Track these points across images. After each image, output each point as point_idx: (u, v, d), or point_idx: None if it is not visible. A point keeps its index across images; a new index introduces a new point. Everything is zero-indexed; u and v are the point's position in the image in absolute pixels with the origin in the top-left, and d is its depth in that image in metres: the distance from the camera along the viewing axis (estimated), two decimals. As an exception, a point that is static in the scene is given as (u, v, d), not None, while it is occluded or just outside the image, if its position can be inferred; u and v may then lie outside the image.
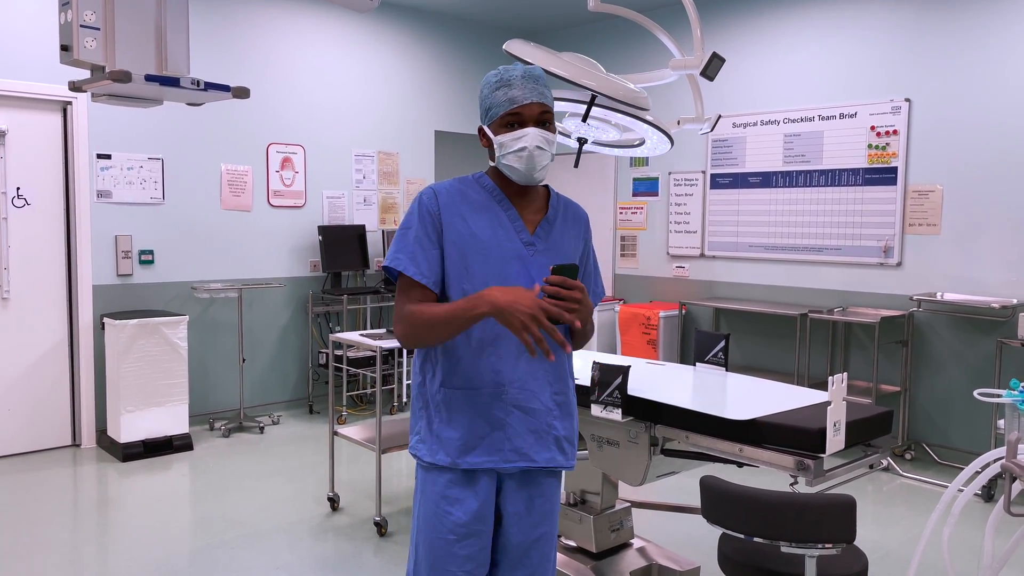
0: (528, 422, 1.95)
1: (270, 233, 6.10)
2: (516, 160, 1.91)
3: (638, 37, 6.69)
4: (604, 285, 2.21)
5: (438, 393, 1.97)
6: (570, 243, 2.04)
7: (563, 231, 2.04)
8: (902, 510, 4.35)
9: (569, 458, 2.04)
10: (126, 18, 2.51)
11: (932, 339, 5.16)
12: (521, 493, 2.00)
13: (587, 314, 1.87)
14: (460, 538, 1.95)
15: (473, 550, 1.96)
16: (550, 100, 1.95)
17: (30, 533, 3.87)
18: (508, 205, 1.98)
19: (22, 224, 5.04)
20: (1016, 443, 2.11)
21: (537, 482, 2.02)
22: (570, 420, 2.04)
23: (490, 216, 1.96)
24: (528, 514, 2.00)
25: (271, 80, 6.03)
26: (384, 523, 3.91)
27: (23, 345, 5.08)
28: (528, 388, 1.95)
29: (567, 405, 2.03)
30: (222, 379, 5.90)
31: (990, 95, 4.88)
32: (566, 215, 2.06)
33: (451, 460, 1.94)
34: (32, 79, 4.94)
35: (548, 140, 1.91)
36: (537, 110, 1.90)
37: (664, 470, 2.92)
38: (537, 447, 1.96)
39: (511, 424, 1.94)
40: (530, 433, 1.96)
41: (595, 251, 2.17)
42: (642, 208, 6.83)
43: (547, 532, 2.04)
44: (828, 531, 2.09)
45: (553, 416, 1.99)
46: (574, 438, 2.07)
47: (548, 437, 1.98)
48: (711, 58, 3.09)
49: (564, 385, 2.02)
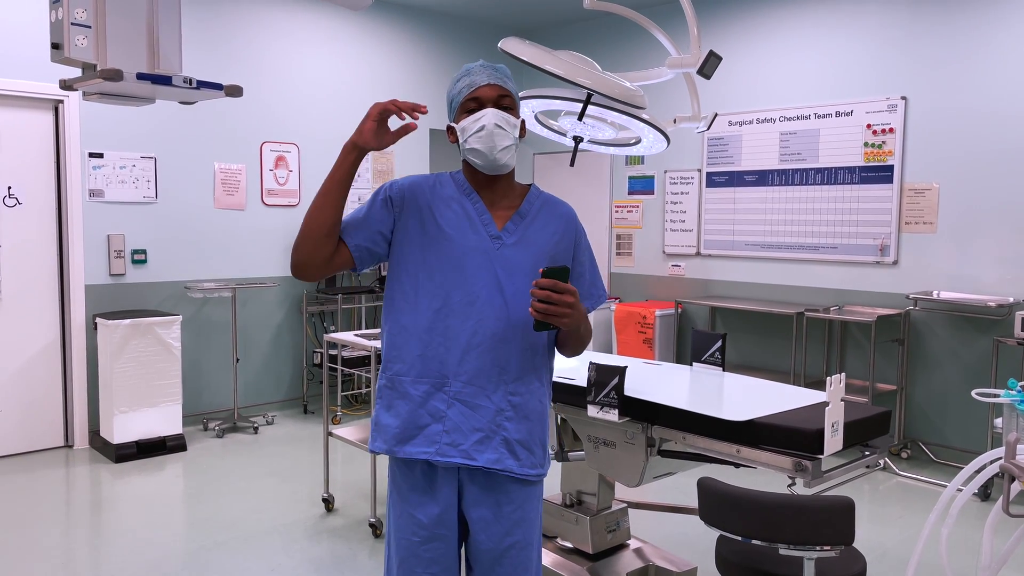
0: (472, 419, 1.89)
1: (264, 232, 6.07)
2: (477, 141, 1.89)
3: (634, 35, 6.67)
4: (604, 288, 2.13)
5: (382, 379, 1.97)
6: (547, 240, 1.97)
7: (539, 227, 1.97)
8: (898, 509, 4.34)
9: (525, 464, 1.92)
10: (118, 16, 2.48)
11: (928, 338, 5.16)
12: (486, 499, 1.93)
13: (578, 319, 1.81)
14: (423, 540, 1.94)
15: (437, 554, 1.94)
16: (511, 87, 1.95)
17: (22, 535, 3.84)
18: (476, 199, 1.96)
19: (13, 224, 5.00)
20: (1015, 443, 2.10)
21: (504, 488, 1.93)
22: (526, 423, 1.93)
23: (456, 208, 1.94)
24: (496, 521, 1.93)
25: (264, 78, 6.00)
26: (379, 524, 3.89)
27: (15, 345, 5.04)
28: (476, 383, 1.89)
29: (524, 407, 1.93)
30: (216, 379, 5.87)
31: (986, 93, 4.87)
32: (545, 211, 2.00)
33: (387, 447, 1.93)
34: (23, 77, 4.89)
35: (508, 121, 1.90)
36: (494, 92, 1.91)
37: (661, 471, 2.90)
38: (479, 446, 1.89)
39: (451, 418, 1.89)
40: (474, 431, 1.89)
41: (592, 251, 2.09)
42: (638, 207, 6.81)
43: (520, 541, 1.95)
44: (826, 533, 2.08)
45: (504, 416, 1.90)
46: (534, 444, 1.95)
47: (495, 438, 1.90)
48: (708, 56, 3.07)
49: (524, 385, 1.93)
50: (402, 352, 1.93)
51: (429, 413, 1.90)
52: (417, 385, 1.91)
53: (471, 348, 1.89)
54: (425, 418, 1.90)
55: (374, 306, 6.69)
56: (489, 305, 1.90)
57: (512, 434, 1.91)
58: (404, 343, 1.92)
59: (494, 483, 1.93)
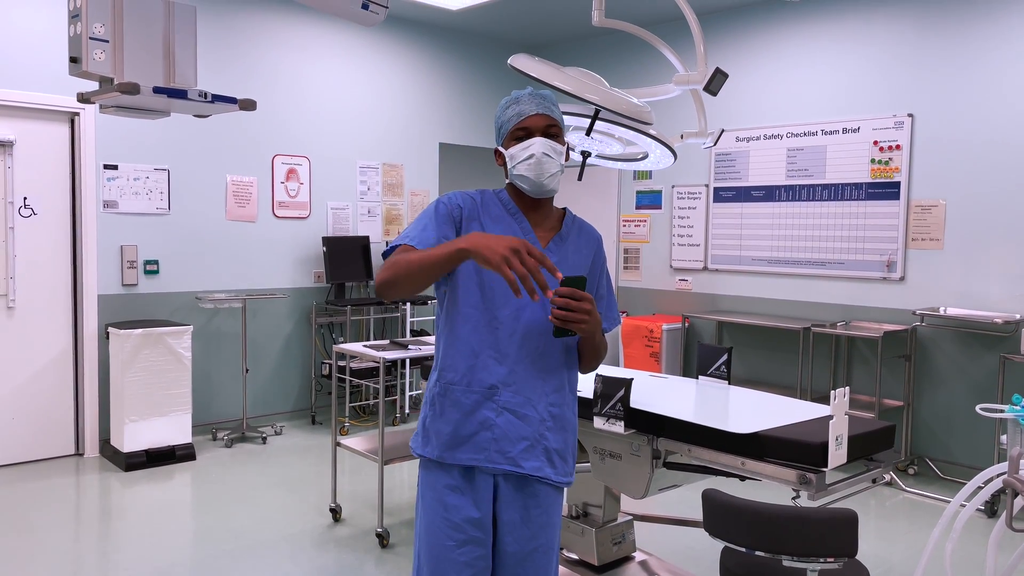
0: (519, 427, 1.97)
1: (275, 244, 6.12)
2: (526, 168, 1.98)
3: (642, 52, 6.73)
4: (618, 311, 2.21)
5: (435, 387, 2.03)
6: (581, 261, 2.10)
7: (575, 249, 2.10)
8: (905, 525, 4.34)
9: (560, 472, 2.02)
10: (135, 31, 2.53)
11: (935, 354, 5.16)
12: (516, 501, 2.00)
13: (595, 326, 1.88)
14: (459, 544, 1.98)
15: (472, 557, 1.98)
16: (557, 115, 2.04)
17: (33, 542, 3.87)
18: (522, 218, 2.06)
19: (28, 234, 5.07)
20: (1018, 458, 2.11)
21: (533, 491, 2.01)
22: (563, 434, 2.04)
23: (504, 227, 2.03)
24: (523, 524, 2.00)
25: (277, 92, 6.07)
26: (386, 534, 3.91)
27: (28, 354, 5.10)
28: (523, 393, 1.97)
29: (562, 418, 2.03)
30: (225, 389, 5.91)
31: (992, 110, 4.90)
32: (579, 234, 2.12)
33: (438, 454, 1.99)
34: (40, 90, 4.97)
35: (555, 149, 2.00)
36: (543, 122, 2.00)
37: (666, 483, 2.92)
38: (525, 454, 1.97)
39: (500, 426, 1.97)
40: (520, 439, 1.97)
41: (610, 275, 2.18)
42: (645, 221, 6.84)
43: (544, 544, 2.03)
44: (830, 545, 2.09)
45: (546, 427, 2.00)
46: (567, 453, 2.05)
47: (538, 447, 1.99)
48: (714, 74, 3.11)
49: (561, 397, 2.03)
50: (455, 362, 2.00)
51: (480, 421, 1.97)
52: (468, 395, 1.98)
53: (519, 361, 1.98)
54: (475, 426, 1.98)
55: (383, 317, 6.73)
56: (533, 321, 1.99)
57: (552, 443, 2.01)
58: (457, 354, 2.00)
59: (525, 484, 2.01)
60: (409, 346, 4.24)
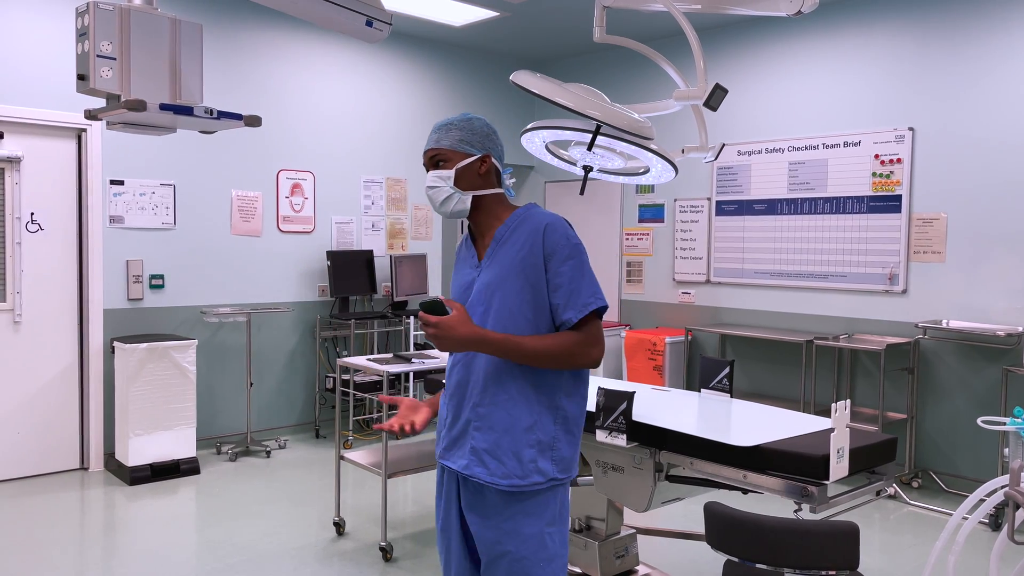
0: (454, 425, 2.10)
1: (279, 258, 6.16)
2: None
3: (643, 67, 6.77)
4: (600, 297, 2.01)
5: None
6: (512, 258, 2.02)
7: (508, 248, 2.05)
8: (909, 538, 4.33)
9: (493, 473, 1.99)
10: (141, 48, 2.57)
11: (938, 367, 5.16)
12: (474, 506, 2.06)
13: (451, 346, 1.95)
14: (439, 531, 2.20)
15: (443, 545, 2.17)
16: (448, 142, 2.09)
17: (37, 556, 3.88)
18: (471, 243, 2.18)
19: (35, 249, 5.10)
20: (1020, 471, 2.12)
21: (482, 494, 2.04)
22: (492, 433, 2.00)
23: (463, 258, 2.20)
24: (484, 528, 2.04)
25: (282, 108, 6.12)
26: (389, 548, 3.91)
27: (34, 368, 5.12)
28: (457, 395, 2.09)
29: (489, 417, 2.01)
30: (229, 403, 5.93)
31: (993, 123, 4.92)
32: (519, 230, 2.05)
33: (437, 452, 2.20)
34: (48, 107, 5.02)
35: (440, 177, 2.08)
36: (427, 156, 2.13)
37: (669, 496, 2.93)
38: (456, 452, 2.08)
39: (447, 424, 2.13)
40: (454, 437, 2.10)
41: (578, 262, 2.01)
42: (648, 234, 6.87)
43: (511, 552, 2.00)
44: (831, 557, 2.10)
45: (473, 426, 2.05)
46: (501, 453, 1.99)
47: (466, 445, 2.06)
48: (714, 89, 3.13)
49: (487, 397, 2.01)
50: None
51: (441, 419, 2.17)
52: (444, 396, 2.18)
53: (454, 365, 2.12)
54: (440, 424, 2.17)
55: (386, 331, 6.75)
56: None
57: (479, 443, 2.04)
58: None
59: (476, 489, 2.06)
60: (413, 360, 4.25)
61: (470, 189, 2.08)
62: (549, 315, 2.01)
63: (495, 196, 2.11)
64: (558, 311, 1.99)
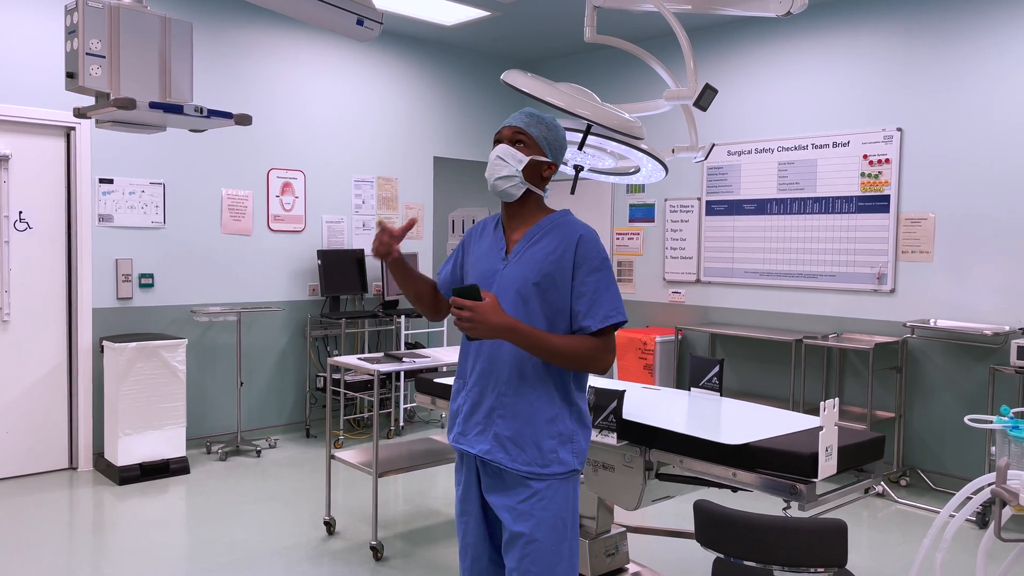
0: (475, 413, 2.16)
1: (269, 257, 6.14)
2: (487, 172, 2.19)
3: (634, 67, 6.78)
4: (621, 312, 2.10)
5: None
6: (541, 258, 2.12)
7: (539, 247, 2.14)
8: (897, 536, 4.36)
9: (515, 460, 2.09)
10: (131, 46, 2.56)
11: (926, 365, 5.20)
12: (495, 487, 2.14)
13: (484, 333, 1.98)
14: (458, 515, 2.26)
15: (462, 528, 2.24)
16: (537, 131, 2.17)
17: (26, 556, 3.87)
18: (500, 227, 2.24)
19: (23, 247, 5.08)
20: (1006, 469, 2.14)
21: (506, 479, 2.12)
22: (516, 422, 2.10)
23: (490, 240, 2.24)
24: (502, 509, 2.13)
25: (272, 106, 6.10)
26: (380, 547, 3.91)
27: (22, 367, 5.10)
28: (481, 384, 2.15)
29: (513, 407, 2.10)
30: (220, 402, 5.91)
31: (981, 124, 4.96)
32: (553, 233, 2.15)
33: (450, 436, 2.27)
34: (37, 105, 5.00)
35: (511, 154, 2.14)
36: (509, 131, 2.19)
37: (659, 494, 2.94)
38: (477, 437, 2.15)
39: (465, 411, 2.19)
40: (476, 423, 2.16)
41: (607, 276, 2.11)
42: (638, 234, 6.88)
43: (529, 536, 2.08)
44: (820, 555, 2.11)
45: (497, 414, 2.12)
46: (524, 441, 2.09)
47: (489, 432, 2.13)
48: (704, 89, 3.15)
49: (511, 388, 2.10)
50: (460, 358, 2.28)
51: (456, 406, 2.22)
52: (456, 383, 2.25)
53: (477, 358, 2.17)
54: (454, 410, 2.23)
55: (377, 330, 6.74)
56: None
57: (503, 431, 2.11)
58: (461, 352, 2.27)
59: (494, 472, 2.15)
60: (403, 359, 4.25)
61: (529, 181, 2.17)
62: (567, 318, 2.10)
63: (538, 197, 2.23)
64: (577, 317, 2.09)
